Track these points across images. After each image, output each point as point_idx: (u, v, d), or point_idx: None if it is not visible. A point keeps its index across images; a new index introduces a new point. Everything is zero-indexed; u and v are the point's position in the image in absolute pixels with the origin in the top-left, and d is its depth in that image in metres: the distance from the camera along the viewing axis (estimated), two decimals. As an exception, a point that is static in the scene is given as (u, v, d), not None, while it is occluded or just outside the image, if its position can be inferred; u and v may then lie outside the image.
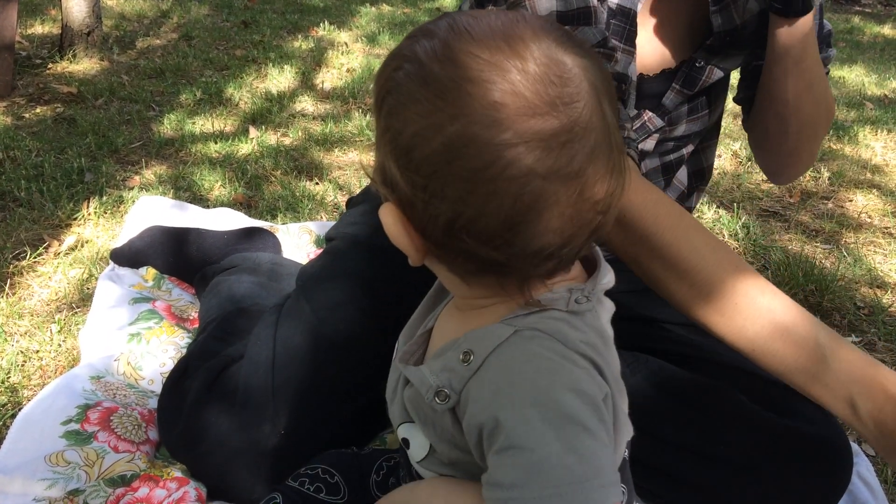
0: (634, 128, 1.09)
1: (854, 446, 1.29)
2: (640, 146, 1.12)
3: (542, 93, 0.57)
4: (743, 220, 2.20)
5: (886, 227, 2.26)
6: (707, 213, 2.26)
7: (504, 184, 0.57)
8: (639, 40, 1.07)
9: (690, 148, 1.22)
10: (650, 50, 1.09)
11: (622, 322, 1.15)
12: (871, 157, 2.84)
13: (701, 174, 1.27)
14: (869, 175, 2.66)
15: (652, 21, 1.07)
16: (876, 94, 3.72)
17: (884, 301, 1.82)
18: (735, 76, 1.18)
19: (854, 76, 4.06)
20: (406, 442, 0.75)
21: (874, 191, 2.52)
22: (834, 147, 2.92)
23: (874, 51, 4.77)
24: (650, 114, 1.10)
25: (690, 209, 1.32)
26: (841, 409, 0.91)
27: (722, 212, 2.28)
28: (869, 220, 2.30)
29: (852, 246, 2.11)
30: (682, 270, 0.93)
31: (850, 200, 2.45)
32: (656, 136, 1.13)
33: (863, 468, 1.24)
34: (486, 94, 0.56)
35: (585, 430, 0.59)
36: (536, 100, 0.57)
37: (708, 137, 1.26)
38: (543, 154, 0.57)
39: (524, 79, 0.57)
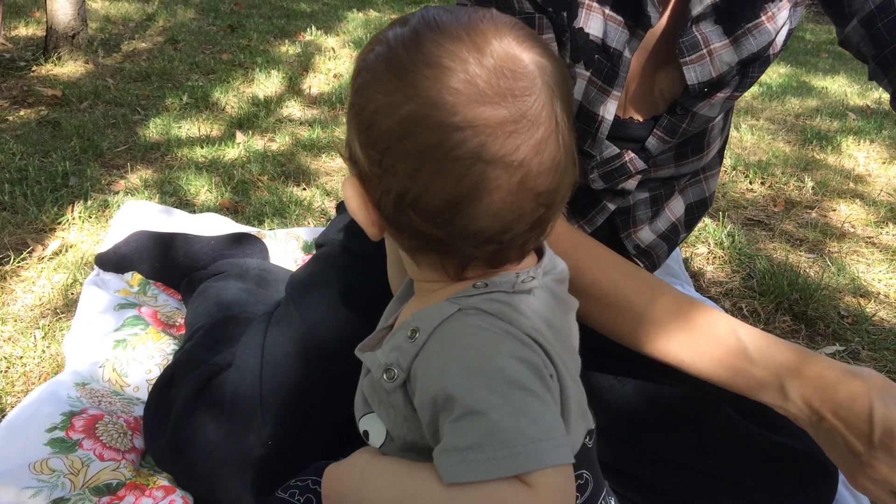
0: (613, 167, 1.09)
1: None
2: (620, 185, 1.11)
3: (494, 83, 0.61)
4: (728, 229, 2.21)
5: (869, 237, 2.28)
6: (693, 221, 2.28)
7: (449, 164, 0.61)
8: (630, 85, 1.06)
9: (683, 181, 1.21)
10: (641, 95, 1.08)
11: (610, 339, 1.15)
12: (854, 166, 2.87)
13: (703, 203, 1.26)
14: (852, 185, 2.69)
15: (645, 67, 1.06)
16: (858, 105, 3.76)
17: (867, 310, 1.83)
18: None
19: (837, 86, 4.11)
20: (366, 434, 0.76)
21: (857, 200, 2.55)
22: (817, 157, 2.95)
23: (856, 61, 4.82)
24: (632, 155, 1.08)
25: (689, 233, 1.32)
26: (773, 399, 0.88)
27: (707, 220, 2.29)
28: (852, 230, 2.33)
29: (836, 255, 2.13)
30: (607, 303, 0.95)
31: (834, 210, 2.47)
32: (638, 176, 1.13)
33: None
34: (442, 79, 0.60)
35: (532, 394, 0.61)
36: (488, 89, 0.60)
37: (710, 167, 1.25)
38: (489, 140, 0.60)
39: (480, 69, 0.61)
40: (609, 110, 1.01)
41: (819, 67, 4.57)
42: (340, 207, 1.39)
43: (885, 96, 3.92)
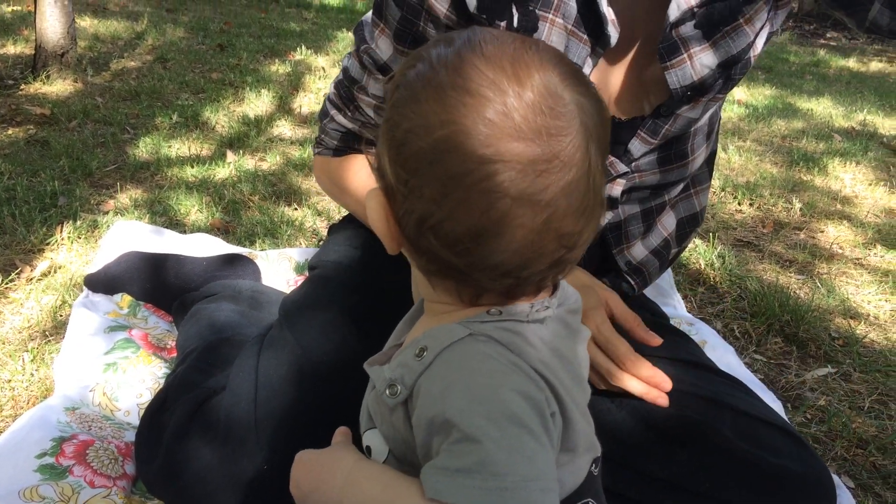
0: None
1: (836, 479, 1.30)
2: (607, 192, 1.12)
3: (530, 119, 0.60)
4: (719, 250, 2.22)
5: (857, 258, 2.30)
6: (683, 242, 2.29)
7: (476, 195, 0.60)
8: (613, 83, 1.08)
9: (674, 194, 1.22)
10: (624, 94, 1.09)
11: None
12: (841, 188, 2.90)
13: (695, 218, 1.27)
14: (839, 206, 2.71)
15: (629, 65, 1.07)
16: (843, 126, 3.80)
17: (857, 331, 1.84)
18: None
19: (822, 108, 4.15)
20: (368, 450, 0.76)
21: (845, 222, 2.57)
22: (804, 178, 2.98)
23: (840, 83, 4.89)
24: (612, 158, 1.09)
25: (681, 251, 1.33)
26: None
27: (698, 241, 2.30)
28: (840, 251, 2.34)
29: (825, 276, 2.15)
30: None
31: (822, 231, 2.49)
32: (622, 181, 1.13)
33: (844, 501, 1.24)
34: (479, 108, 0.60)
35: (530, 433, 0.60)
36: (524, 125, 0.60)
37: (700, 182, 1.26)
38: (518, 177, 0.60)
39: (518, 103, 0.60)
40: None
41: (804, 89, 4.62)
42: (332, 229, 1.39)
43: (871, 118, 3.97)
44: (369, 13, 1.13)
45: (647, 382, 1.06)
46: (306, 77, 3.75)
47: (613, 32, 0.97)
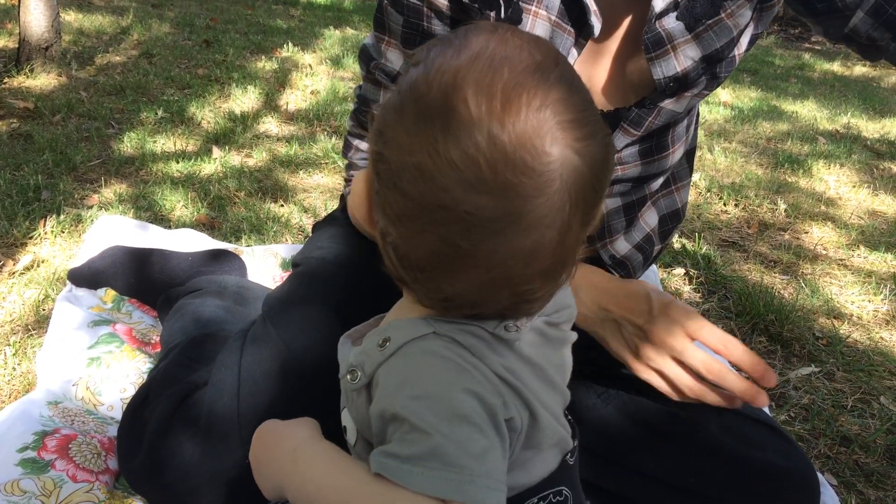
0: None
1: (819, 477, 1.31)
2: None
3: (499, 172, 0.55)
4: (704, 250, 2.23)
5: (841, 259, 2.32)
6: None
7: (430, 234, 0.58)
8: (598, 74, 1.08)
9: (655, 188, 1.23)
10: (609, 85, 1.10)
11: (596, 351, 1.16)
12: (825, 190, 2.92)
13: (676, 214, 1.29)
14: (823, 207, 2.73)
15: (613, 57, 1.08)
16: (828, 129, 3.83)
17: (841, 331, 1.86)
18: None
19: (806, 111, 4.18)
20: (345, 429, 0.76)
21: (829, 223, 2.59)
22: (789, 180, 3.00)
23: (825, 87, 4.92)
24: None
25: (665, 247, 1.34)
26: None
27: (684, 241, 2.31)
28: (824, 252, 2.36)
29: (809, 277, 2.16)
30: None
31: (806, 232, 2.51)
32: None
33: (827, 497, 1.25)
34: (449, 147, 0.55)
35: (480, 432, 0.60)
36: (489, 176, 0.55)
37: (681, 178, 1.27)
38: (472, 230, 0.57)
39: (490, 150, 0.55)
40: None
41: (789, 92, 4.66)
42: (317, 226, 1.38)
43: (855, 121, 4.00)
44: (368, 36, 1.13)
45: (754, 370, 0.97)
46: (293, 74, 3.74)
47: (596, 22, 0.98)
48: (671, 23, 1.01)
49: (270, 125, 3.02)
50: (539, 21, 0.99)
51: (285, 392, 1.10)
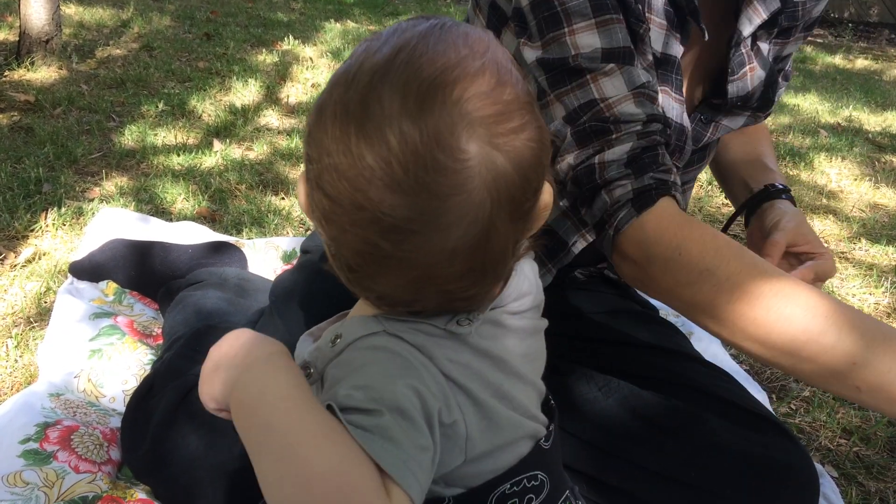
0: None
1: (818, 467, 1.31)
2: None
3: (412, 171, 0.54)
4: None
5: (843, 252, 2.32)
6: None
7: (351, 235, 0.57)
8: None
9: None
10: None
11: (597, 343, 1.16)
12: (827, 183, 2.91)
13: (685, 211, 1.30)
14: (825, 201, 2.73)
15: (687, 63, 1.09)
16: (830, 122, 3.82)
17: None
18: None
19: (808, 104, 4.17)
20: None
21: (830, 216, 2.59)
22: (791, 173, 3.00)
23: (827, 80, 4.91)
24: None
25: None
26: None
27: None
28: (826, 245, 2.36)
29: (811, 270, 2.16)
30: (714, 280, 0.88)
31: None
32: None
33: (828, 489, 1.25)
34: (363, 148, 0.54)
35: (417, 429, 0.58)
36: (403, 177, 0.54)
37: (692, 180, 1.28)
38: (391, 232, 0.56)
39: (402, 150, 0.54)
40: (686, 120, 1.04)
41: (791, 85, 4.65)
42: None
43: (857, 114, 3.99)
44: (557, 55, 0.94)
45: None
46: (293, 67, 3.73)
47: (706, 27, 0.98)
48: (750, 45, 1.03)
49: (271, 118, 3.02)
50: (654, 27, 0.98)
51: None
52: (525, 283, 0.74)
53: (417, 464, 0.57)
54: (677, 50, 1.00)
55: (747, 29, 0.99)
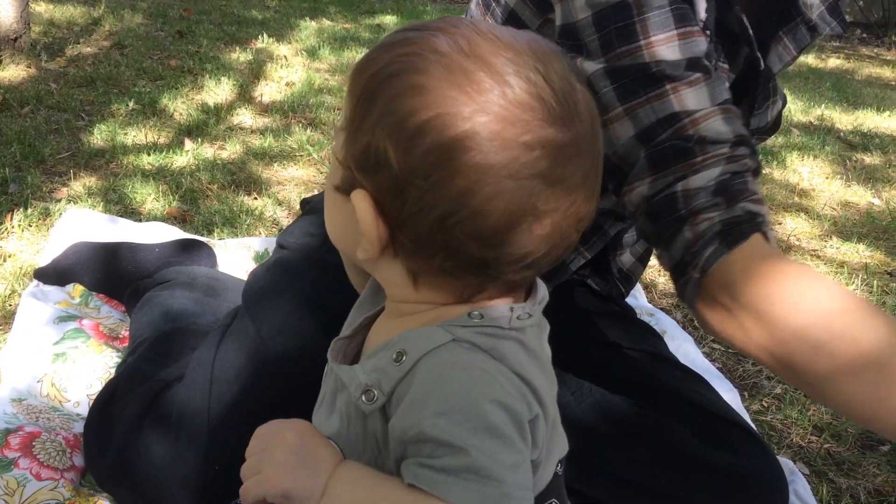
0: None
1: (791, 465, 1.32)
2: None
3: (562, 104, 0.58)
4: (679, 241, 2.24)
5: (814, 250, 2.34)
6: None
7: (514, 183, 0.57)
8: None
9: None
10: None
11: (571, 343, 1.15)
12: (799, 181, 2.94)
13: None
14: (797, 199, 2.75)
15: None
16: (802, 121, 3.86)
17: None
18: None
19: (781, 103, 4.21)
20: None
21: (802, 214, 2.61)
22: (763, 171, 3.01)
23: (799, 79, 4.96)
24: None
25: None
26: None
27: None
28: (798, 243, 2.38)
29: (783, 267, 2.17)
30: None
31: (780, 223, 2.52)
32: None
33: (799, 487, 1.26)
34: (511, 93, 0.57)
35: (510, 444, 0.59)
36: (558, 110, 0.58)
37: None
38: (553, 162, 0.58)
39: (547, 87, 0.58)
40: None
41: (764, 84, 4.69)
42: (306, 203, 1.32)
43: (829, 113, 4.03)
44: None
45: None
46: (268, 65, 3.70)
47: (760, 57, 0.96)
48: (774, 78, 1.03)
49: (244, 117, 2.99)
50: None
51: (260, 390, 1.08)
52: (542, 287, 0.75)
53: (517, 482, 0.58)
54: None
55: (777, 66, 0.99)
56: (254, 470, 0.65)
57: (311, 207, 1.29)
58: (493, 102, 0.56)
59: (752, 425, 1.30)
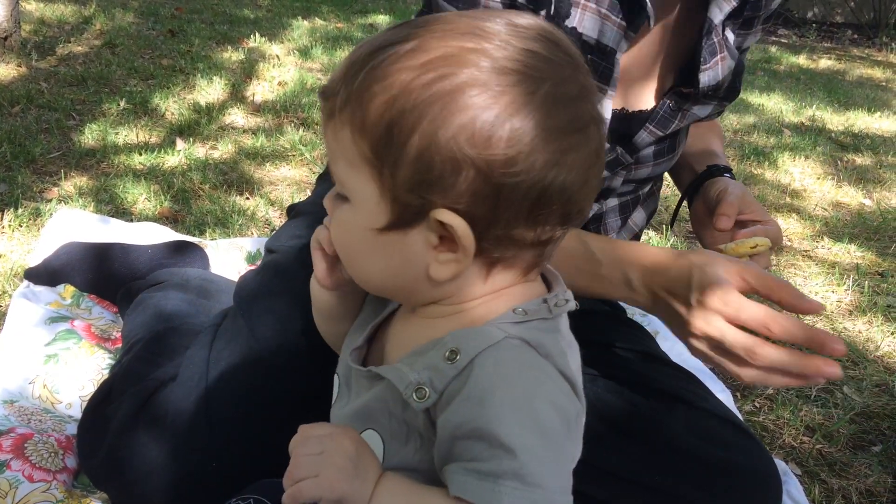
0: (609, 159, 1.10)
1: (784, 466, 1.32)
2: (607, 183, 1.13)
3: (584, 58, 0.67)
4: (672, 242, 2.24)
5: (806, 250, 2.35)
6: (637, 234, 2.30)
7: (582, 136, 0.63)
8: (629, 72, 1.08)
9: (646, 189, 1.24)
10: (636, 88, 1.11)
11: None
12: (790, 182, 2.95)
13: (653, 213, 1.31)
14: (788, 199, 2.76)
15: (636, 58, 1.08)
16: (793, 122, 3.87)
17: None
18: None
19: (772, 104, 4.23)
20: None
21: (794, 214, 2.62)
22: (755, 172, 3.03)
23: (791, 79, 4.98)
24: (621, 149, 1.11)
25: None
26: (622, 293, 0.98)
27: (651, 233, 2.32)
28: (789, 243, 2.39)
29: (774, 267, 2.18)
30: None
31: (772, 223, 2.53)
32: (623, 174, 1.14)
33: (792, 487, 1.26)
34: (554, 60, 0.63)
35: (559, 446, 0.61)
36: (583, 61, 0.66)
37: (662, 178, 1.28)
38: (594, 104, 0.65)
39: (570, 46, 0.66)
40: (607, 109, 1.03)
41: (756, 85, 4.70)
42: (294, 210, 1.33)
43: (820, 114, 4.05)
44: None
45: (811, 343, 0.84)
46: (260, 65, 3.69)
47: (652, 12, 0.97)
48: (720, 34, 1.04)
49: (236, 117, 2.98)
50: (588, 14, 0.98)
51: (255, 389, 1.08)
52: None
53: (560, 487, 0.61)
54: (614, 36, 0.99)
55: (717, 17, 1.00)
56: (311, 471, 0.64)
57: (298, 212, 1.30)
58: (547, 70, 0.62)
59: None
